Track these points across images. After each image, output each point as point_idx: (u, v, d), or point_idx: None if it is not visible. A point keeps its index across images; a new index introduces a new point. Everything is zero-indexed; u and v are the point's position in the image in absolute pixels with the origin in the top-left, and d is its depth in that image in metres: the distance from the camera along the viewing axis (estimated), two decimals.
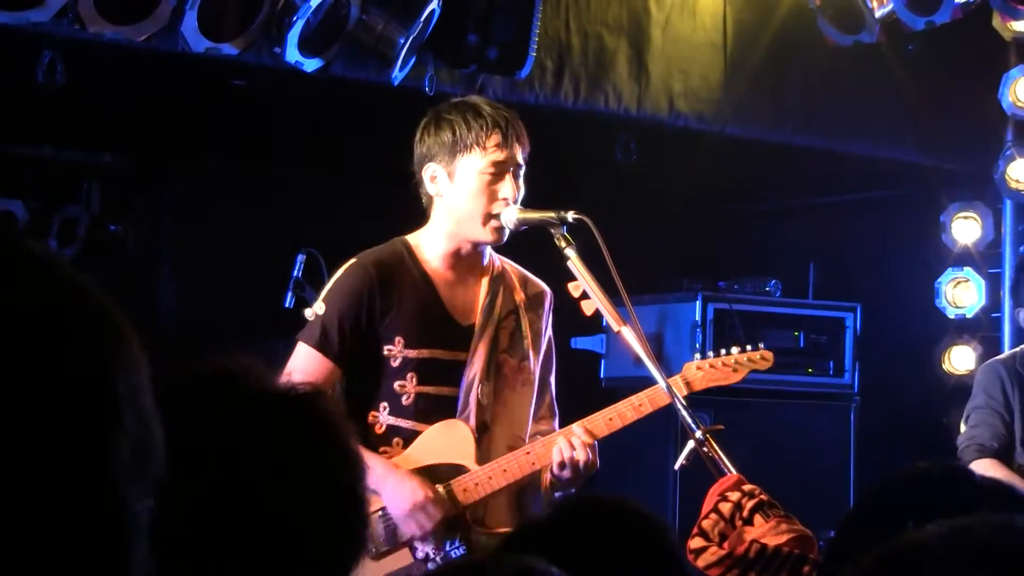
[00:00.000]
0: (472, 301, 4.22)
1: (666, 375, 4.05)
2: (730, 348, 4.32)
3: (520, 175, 4.14)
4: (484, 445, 4.15)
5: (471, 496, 4.08)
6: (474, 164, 4.09)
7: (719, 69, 6.88)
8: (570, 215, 4.08)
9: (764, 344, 4.37)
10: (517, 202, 4.11)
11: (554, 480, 4.08)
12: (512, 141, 4.10)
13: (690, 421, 3.90)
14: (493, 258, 4.27)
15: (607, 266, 4.01)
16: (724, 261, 8.32)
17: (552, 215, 4.09)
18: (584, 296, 4.11)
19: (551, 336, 4.35)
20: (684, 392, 4.12)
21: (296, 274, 5.93)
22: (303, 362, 4.05)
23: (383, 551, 4.04)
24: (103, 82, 6.03)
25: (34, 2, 5.04)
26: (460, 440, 4.12)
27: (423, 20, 5.63)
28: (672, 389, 4.00)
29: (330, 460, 1.85)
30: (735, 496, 3.48)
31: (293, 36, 5.40)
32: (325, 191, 7.26)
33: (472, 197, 4.09)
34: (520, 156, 4.12)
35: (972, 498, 1.94)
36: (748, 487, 3.53)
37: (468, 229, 4.13)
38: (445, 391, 4.14)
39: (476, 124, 4.09)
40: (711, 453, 3.83)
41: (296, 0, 5.37)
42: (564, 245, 4.07)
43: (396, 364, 4.10)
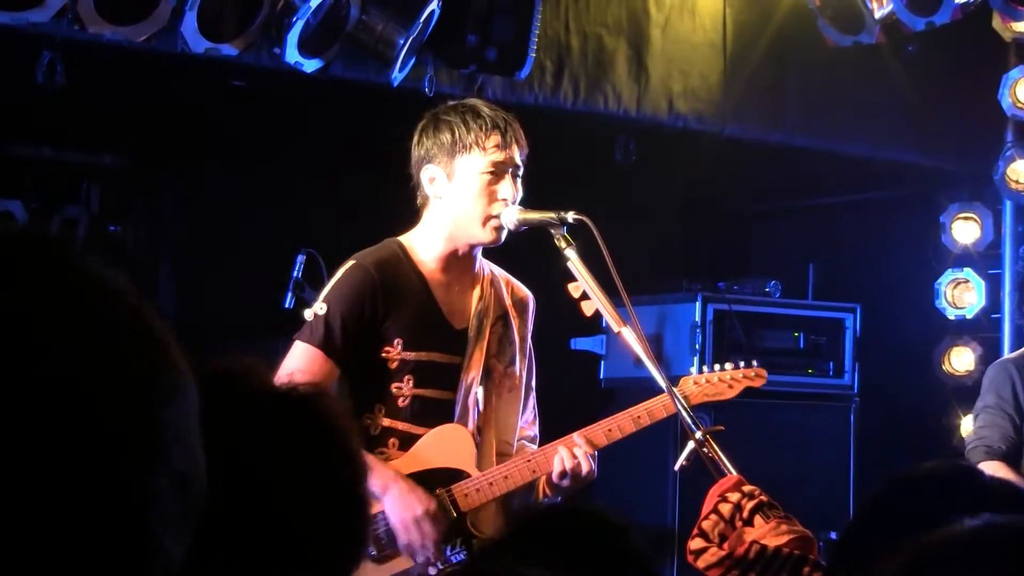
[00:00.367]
0: (465, 305, 4.21)
1: (660, 385, 4.04)
2: (724, 364, 4.37)
3: (519, 176, 4.13)
4: (479, 450, 4.16)
5: (472, 502, 4.08)
6: (474, 165, 4.08)
7: (718, 70, 6.88)
8: (570, 216, 4.08)
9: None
10: (516, 203, 4.11)
11: (551, 488, 4.08)
12: (511, 142, 4.10)
13: (690, 422, 3.90)
14: (482, 264, 4.26)
15: (607, 267, 4.00)
16: (724, 262, 8.33)
17: (552, 216, 4.09)
18: (584, 297, 4.10)
19: (530, 342, 4.36)
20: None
21: (296, 274, 5.92)
22: (303, 362, 4.01)
23: (385, 554, 4.04)
24: (103, 82, 6.03)
25: (34, 2, 5.04)
26: (461, 445, 4.12)
27: (422, 21, 5.63)
28: (672, 390, 4.00)
29: (333, 460, 1.84)
30: (735, 497, 3.48)
31: (293, 37, 5.40)
32: (325, 191, 7.26)
33: (471, 198, 4.09)
34: (519, 157, 4.12)
35: (979, 498, 1.93)
36: (748, 488, 3.53)
37: (467, 230, 4.12)
38: (440, 394, 4.14)
39: (475, 125, 4.09)
40: (711, 454, 3.83)
41: (296, 1, 5.37)
42: (564, 246, 4.07)
43: (394, 366, 4.09)
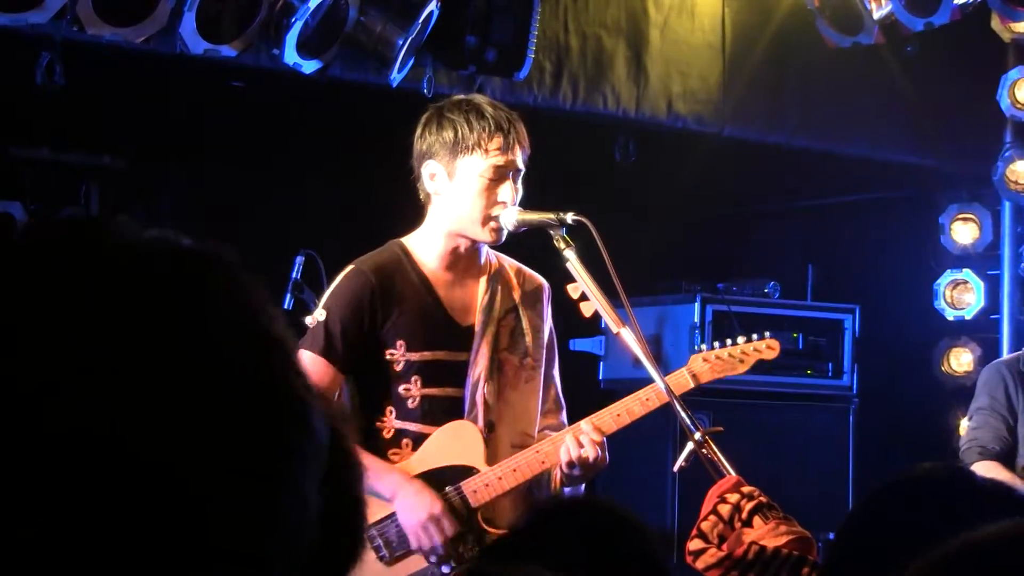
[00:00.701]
0: (471, 301, 4.20)
1: (665, 375, 4.04)
2: (736, 339, 4.27)
3: (519, 178, 4.12)
4: (491, 445, 4.13)
5: (482, 497, 4.06)
6: (475, 166, 4.07)
7: (717, 70, 6.89)
8: (569, 216, 4.07)
9: None
10: (515, 204, 4.10)
11: (564, 477, 4.07)
12: (513, 144, 4.07)
13: (689, 423, 3.89)
14: (489, 255, 4.24)
15: (606, 268, 4.00)
16: (723, 262, 8.33)
17: (551, 216, 4.08)
18: (583, 298, 4.09)
19: (552, 328, 4.32)
20: (692, 384, 4.10)
21: (294, 276, 5.92)
22: (307, 369, 4.01)
23: (397, 556, 4.03)
24: (102, 83, 6.03)
25: (33, 3, 5.04)
26: (469, 441, 4.11)
27: (421, 21, 5.63)
28: (671, 390, 3.98)
29: (333, 464, 1.84)
30: (734, 498, 3.47)
31: (292, 38, 5.41)
32: (324, 192, 7.25)
33: (471, 198, 4.07)
34: (520, 160, 4.10)
35: (973, 500, 1.93)
36: (747, 489, 3.53)
37: (467, 228, 4.11)
38: (450, 392, 4.13)
39: (479, 126, 4.06)
40: (710, 455, 3.82)
41: (294, 1, 5.37)
42: (563, 247, 4.06)
43: (400, 368, 4.09)
